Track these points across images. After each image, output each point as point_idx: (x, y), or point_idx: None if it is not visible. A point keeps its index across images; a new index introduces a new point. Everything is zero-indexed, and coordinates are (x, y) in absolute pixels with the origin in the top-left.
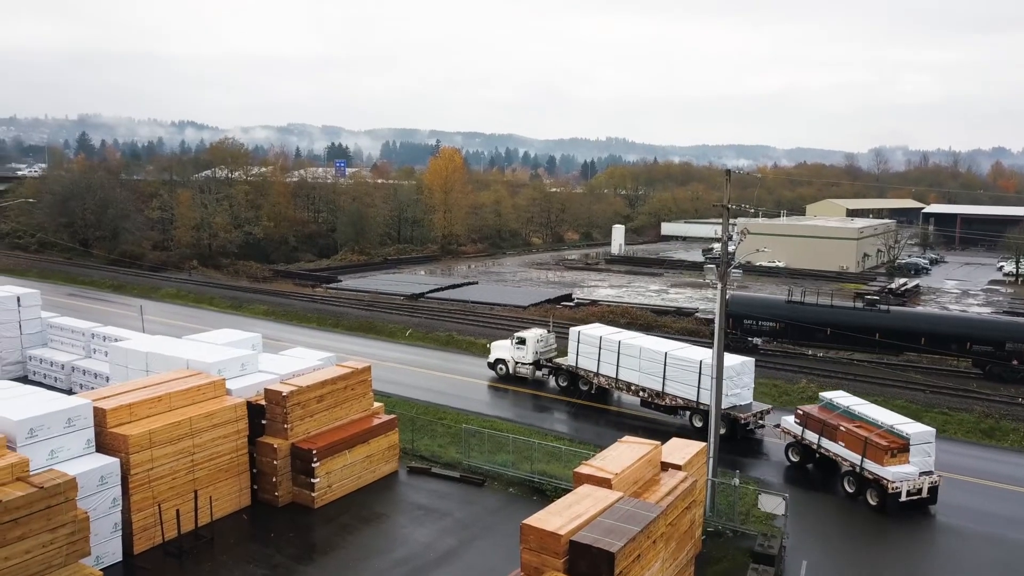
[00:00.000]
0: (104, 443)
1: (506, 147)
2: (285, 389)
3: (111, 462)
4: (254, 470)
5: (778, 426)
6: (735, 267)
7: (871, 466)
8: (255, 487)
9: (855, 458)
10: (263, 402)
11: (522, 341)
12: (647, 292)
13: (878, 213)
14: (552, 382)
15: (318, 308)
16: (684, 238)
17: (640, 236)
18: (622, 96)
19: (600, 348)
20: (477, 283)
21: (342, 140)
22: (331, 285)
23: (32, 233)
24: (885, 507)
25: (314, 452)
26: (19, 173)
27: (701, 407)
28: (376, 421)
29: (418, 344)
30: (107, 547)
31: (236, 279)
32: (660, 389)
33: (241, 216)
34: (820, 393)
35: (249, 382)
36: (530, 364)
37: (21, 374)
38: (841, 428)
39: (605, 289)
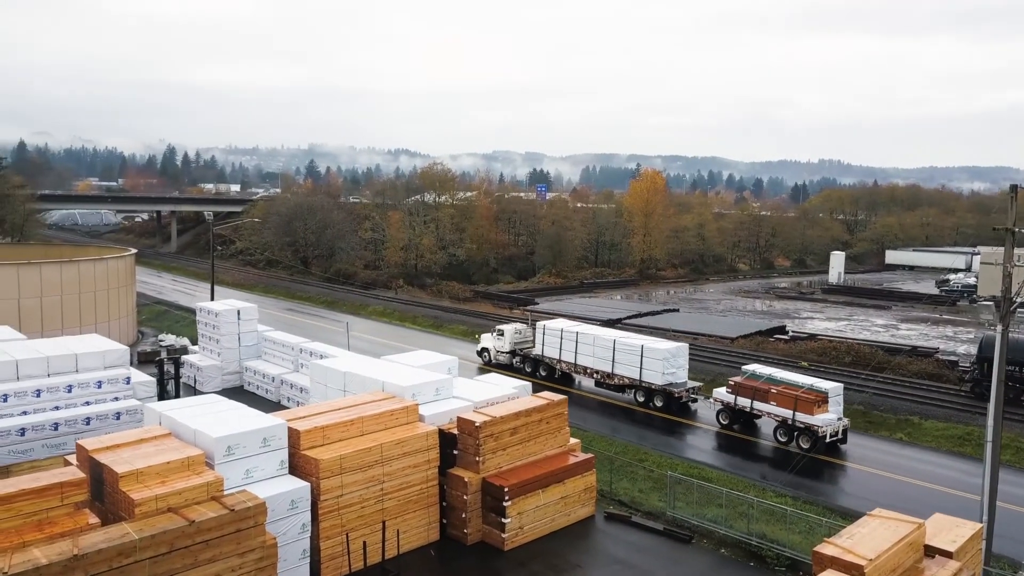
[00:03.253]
0: (296, 465)
1: (709, 170)
2: (478, 419)
3: (302, 486)
4: (443, 503)
5: (709, 398)
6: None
7: (802, 417)
8: (443, 521)
9: (787, 413)
10: (455, 431)
11: (501, 333)
12: (873, 327)
13: None
14: (525, 368)
15: None
16: (912, 267)
17: (860, 264)
18: (836, 117)
19: (561, 338)
20: (678, 310)
21: (543, 166)
22: (528, 307)
23: (261, 251)
24: (815, 448)
25: (506, 489)
26: (256, 196)
27: (643, 385)
28: (572, 459)
29: None
30: (295, 574)
31: (439, 299)
32: (610, 371)
33: (446, 238)
34: (742, 367)
35: (442, 408)
36: (507, 352)
37: (238, 384)
38: (772, 391)
39: (823, 322)
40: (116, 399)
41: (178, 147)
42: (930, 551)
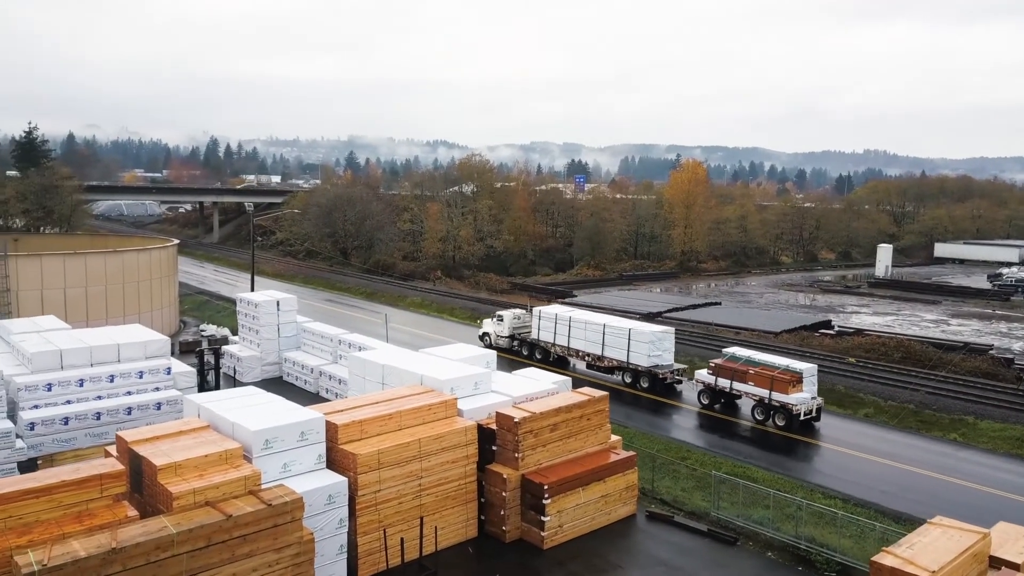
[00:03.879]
0: (333, 459)
1: (750, 161)
2: (517, 415)
3: (340, 481)
4: (481, 500)
5: (692, 379)
6: None
7: (778, 396)
8: (481, 518)
9: (764, 393)
10: (494, 426)
11: (501, 318)
12: (922, 322)
13: None
14: (523, 352)
15: None
16: (962, 261)
17: (908, 257)
18: (881, 107)
19: (556, 323)
20: (720, 303)
21: (581, 156)
22: (566, 300)
23: (301, 242)
24: (790, 426)
25: (545, 487)
26: (297, 188)
27: (630, 366)
28: (613, 457)
29: None
30: (332, 569)
31: (476, 290)
32: (600, 353)
33: (484, 230)
34: (723, 350)
35: (481, 403)
36: (507, 337)
37: (277, 374)
38: (750, 372)
39: (869, 316)
40: (157, 389)
41: (220, 139)
42: (996, 563)
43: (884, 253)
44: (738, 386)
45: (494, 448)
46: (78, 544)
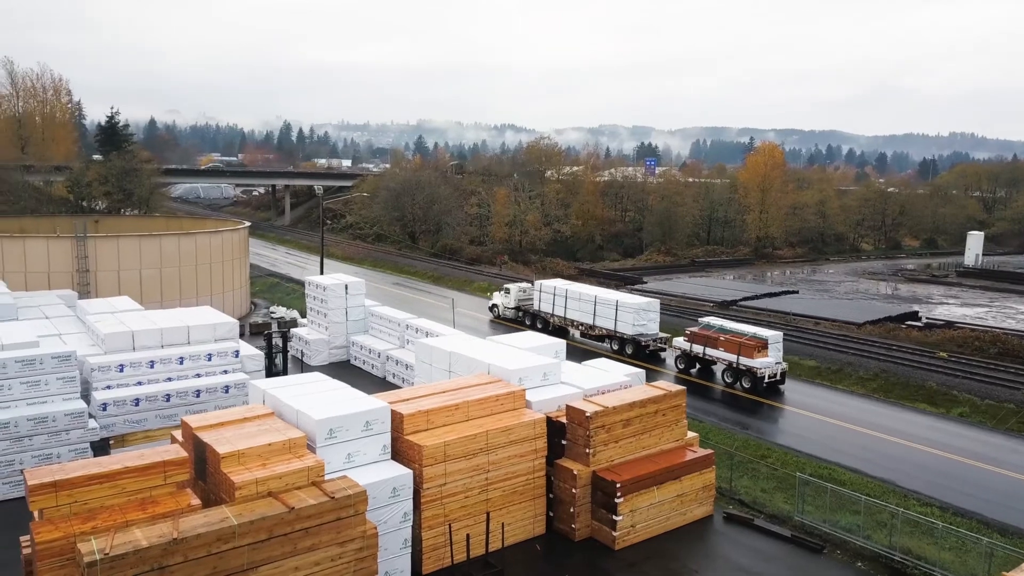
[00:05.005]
0: (398, 450)
1: (827, 144)
2: (589, 408)
3: (405, 473)
4: (549, 496)
5: (672, 346)
6: None
7: (745, 361)
8: (550, 514)
9: (732, 357)
10: (563, 419)
11: (508, 291)
12: (1018, 315)
13: None
14: (525, 321)
15: None
16: None
17: (1000, 246)
18: (968, 87)
19: (554, 296)
20: (797, 292)
21: (651, 139)
22: (635, 286)
23: (370, 225)
24: (755, 388)
25: (618, 485)
26: (368, 172)
27: (617, 335)
28: (689, 455)
29: None
30: (395, 564)
31: (543, 276)
32: (592, 323)
33: (551, 214)
34: (699, 319)
35: (550, 394)
36: (513, 308)
37: (344, 358)
38: (721, 339)
39: (958, 308)
40: (225, 372)
41: (293, 123)
42: None
43: (974, 241)
44: (710, 352)
45: (563, 443)
46: (140, 533)
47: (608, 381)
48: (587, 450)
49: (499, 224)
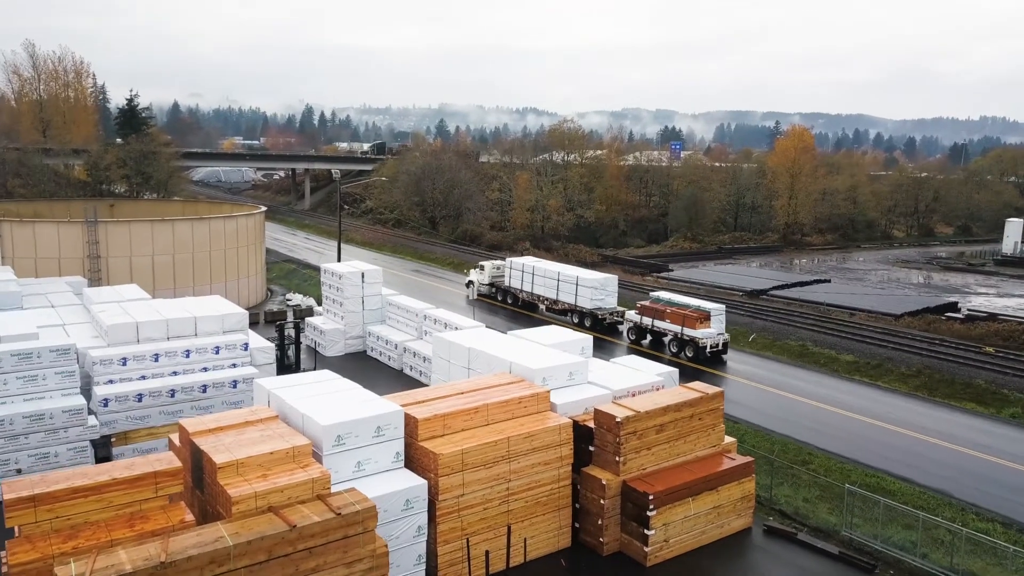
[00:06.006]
0: (412, 458)
1: (855, 128)
2: (619, 413)
3: (419, 484)
4: (575, 506)
5: (626, 319)
6: None
7: (689, 332)
8: (576, 526)
9: (677, 329)
10: (591, 424)
11: (482, 268)
12: None
13: None
14: (497, 297)
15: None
16: None
17: None
18: (999, 70)
19: (523, 273)
20: (829, 281)
21: (674, 123)
22: (661, 274)
23: (390, 210)
24: (698, 357)
25: (651, 497)
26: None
27: (578, 308)
28: (727, 462)
29: (763, 354)
30: None
31: (565, 262)
32: (556, 297)
33: (574, 199)
34: (650, 293)
35: (576, 396)
36: (487, 284)
37: (361, 348)
38: (667, 311)
39: (997, 299)
40: (234, 366)
41: (315, 107)
42: None
43: (1013, 228)
44: (658, 324)
45: (591, 449)
46: (125, 555)
47: (639, 381)
48: (617, 458)
49: (520, 209)
